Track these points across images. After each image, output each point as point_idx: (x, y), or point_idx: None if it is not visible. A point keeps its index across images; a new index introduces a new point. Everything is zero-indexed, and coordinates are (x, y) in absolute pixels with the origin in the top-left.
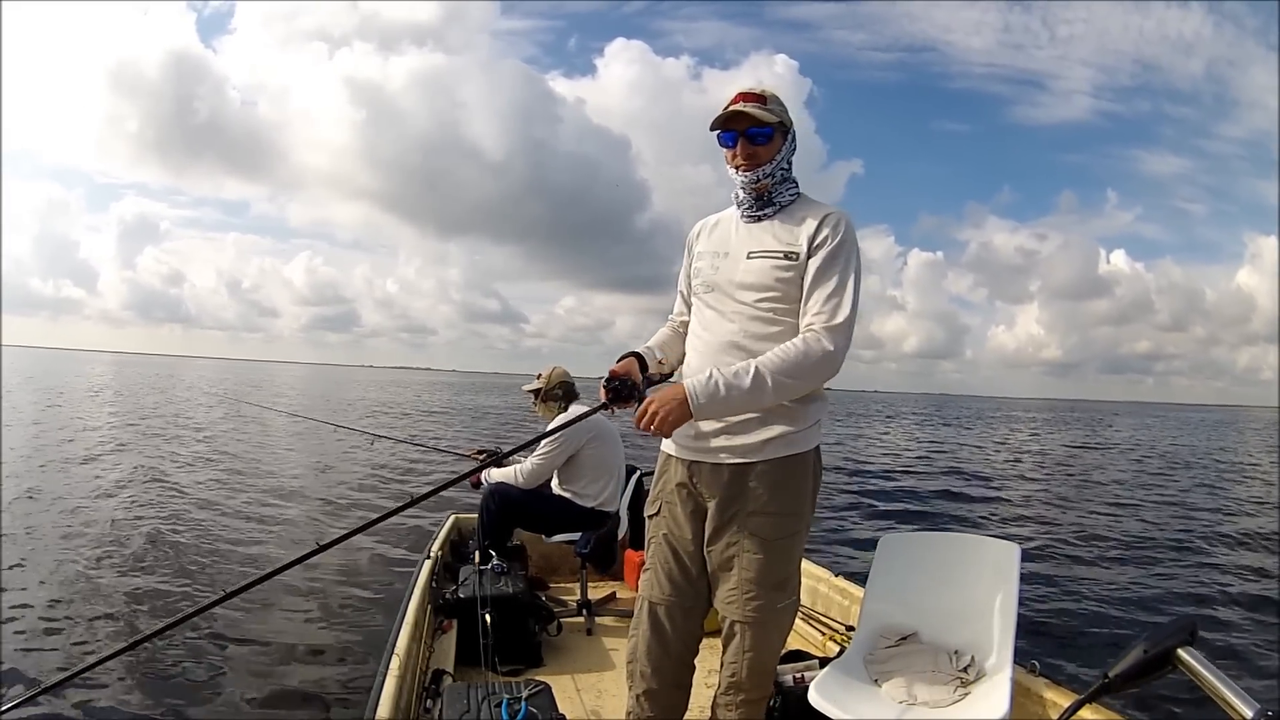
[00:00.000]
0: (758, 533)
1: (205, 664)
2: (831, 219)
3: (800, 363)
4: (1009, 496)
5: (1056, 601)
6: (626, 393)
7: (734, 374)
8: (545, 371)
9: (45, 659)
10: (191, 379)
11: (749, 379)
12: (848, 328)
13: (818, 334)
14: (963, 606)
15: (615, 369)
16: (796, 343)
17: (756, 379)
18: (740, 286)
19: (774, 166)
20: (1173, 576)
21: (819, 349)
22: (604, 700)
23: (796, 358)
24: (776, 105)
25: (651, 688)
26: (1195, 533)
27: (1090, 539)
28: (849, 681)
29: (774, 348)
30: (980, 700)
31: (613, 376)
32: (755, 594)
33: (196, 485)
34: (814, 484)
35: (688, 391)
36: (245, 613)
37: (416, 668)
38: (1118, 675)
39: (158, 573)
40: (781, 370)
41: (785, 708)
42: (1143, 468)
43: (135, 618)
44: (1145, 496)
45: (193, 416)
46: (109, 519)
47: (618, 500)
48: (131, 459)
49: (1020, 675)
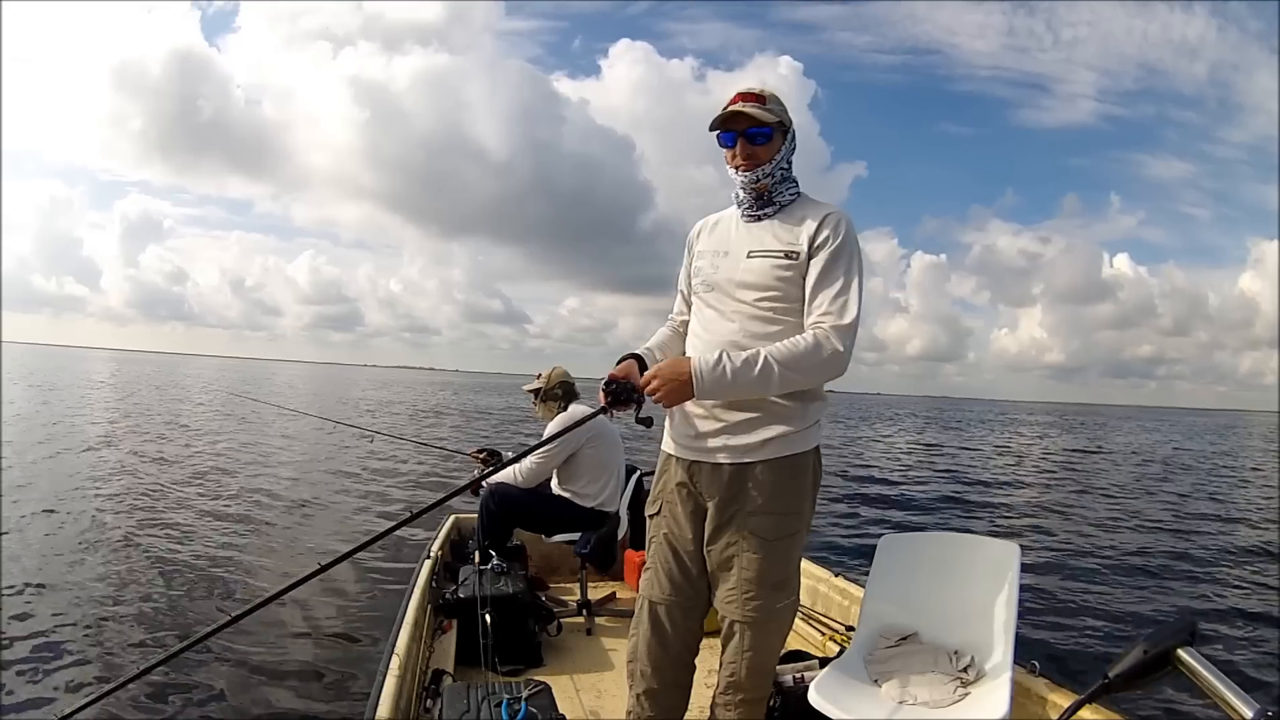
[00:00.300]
0: (757, 532)
1: (204, 664)
2: (832, 219)
3: (809, 358)
4: (1009, 498)
5: (1056, 601)
6: (625, 396)
7: (743, 360)
8: (545, 372)
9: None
10: (195, 377)
11: (757, 367)
12: (855, 328)
13: (828, 332)
14: (963, 606)
15: (614, 373)
16: (807, 337)
17: (765, 368)
18: (740, 286)
19: (774, 166)
20: (1173, 577)
21: (829, 347)
22: (604, 700)
23: (806, 352)
24: (776, 105)
25: (651, 687)
26: (1195, 534)
27: (1090, 539)
28: (849, 681)
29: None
30: (980, 700)
31: (611, 380)
32: (755, 594)
33: (188, 486)
34: (814, 484)
35: (693, 371)
36: (238, 611)
37: (416, 668)
38: (1118, 675)
39: (150, 585)
40: (790, 363)
41: (785, 708)
42: (1143, 471)
43: (138, 631)
44: (1146, 499)
45: (187, 412)
46: (96, 516)
47: (618, 500)
48: (119, 455)
49: (1020, 675)
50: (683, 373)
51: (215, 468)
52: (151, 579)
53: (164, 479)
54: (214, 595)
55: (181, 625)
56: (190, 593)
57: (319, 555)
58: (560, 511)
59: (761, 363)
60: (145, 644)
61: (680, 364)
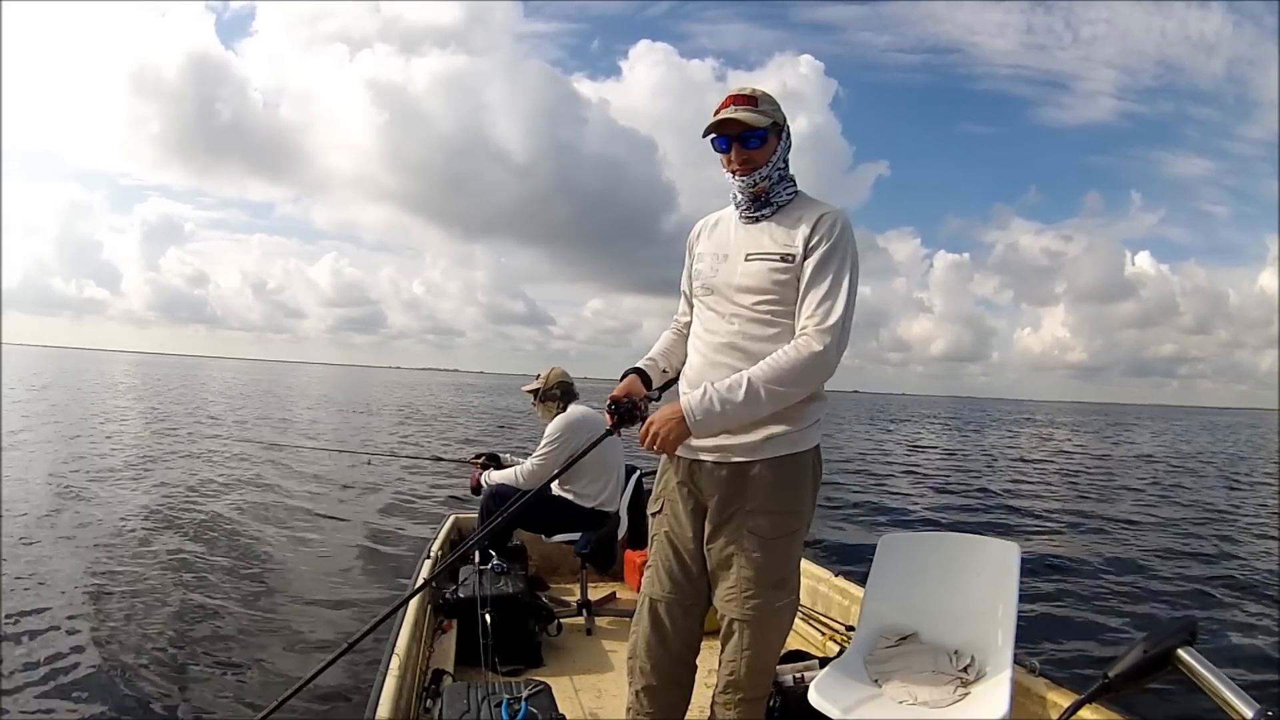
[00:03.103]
0: (756, 531)
1: (205, 664)
2: (827, 220)
3: (791, 370)
4: (1009, 498)
5: (1056, 601)
6: (629, 413)
7: (727, 388)
8: (544, 372)
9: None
10: (216, 379)
11: (742, 392)
12: (839, 329)
13: (808, 338)
14: (963, 606)
15: (615, 393)
16: (787, 350)
17: (750, 392)
18: (738, 289)
19: (770, 168)
20: (1173, 577)
21: (808, 353)
22: (604, 700)
23: (787, 365)
24: (768, 105)
25: (650, 684)
26: (1196, 534)
27: (1091, 539)
28: (849, 681)
29: (771, 351)
30: (980, 700)
31: (613, 401)
32: (754, 592)
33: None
34: (813, 483)
35: (684, 409)
36: (246, 613)
37: (416, 668)
38: (1118, 675)
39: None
40: (773, 380)
41: (785, 708)
42: (1150, 470)
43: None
44: (1148, 499)
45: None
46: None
47: (618, 500)
48: (137, 456)
49: (1020, 675)
50: (676, 413)
51: (223, 479)
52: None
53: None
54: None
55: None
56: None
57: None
58: (560, 512)
59: (745, 386)
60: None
61: (673, 407)
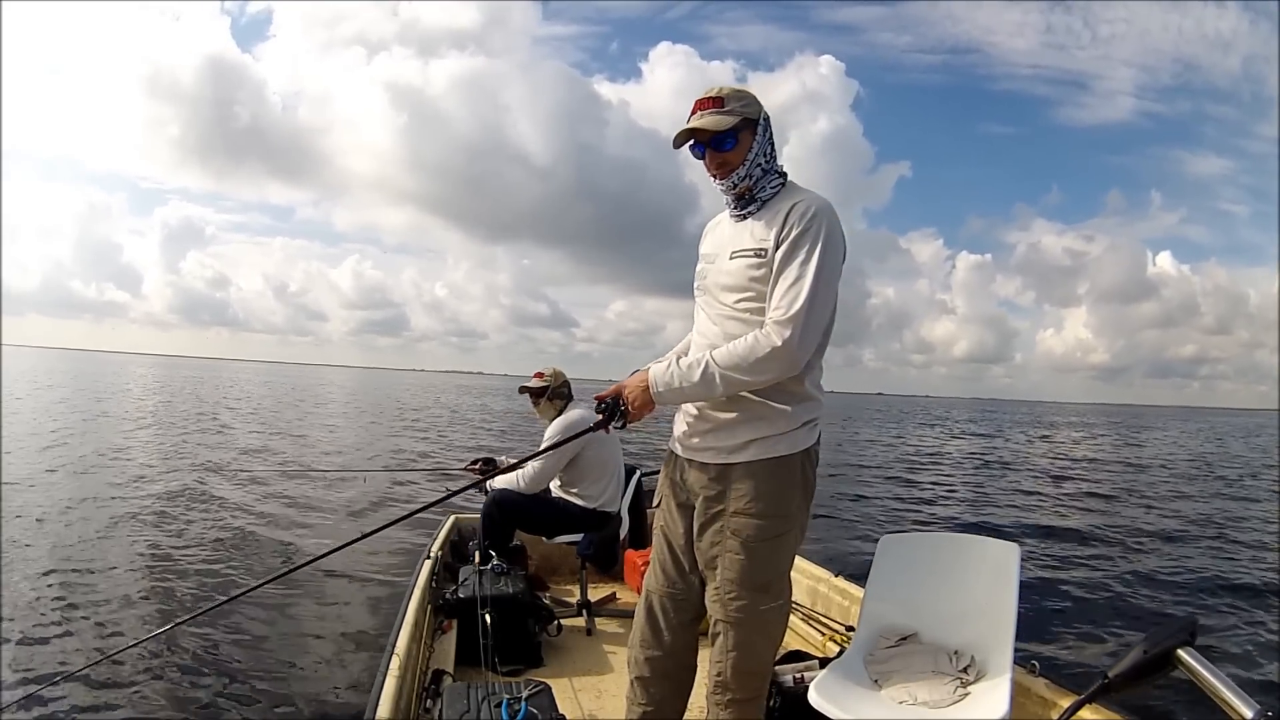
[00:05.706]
0: (739, 533)
1: (205, 664)
2: (799, 208)
3: (745, 357)
4: (1010, 498)
5: (1056, 601)
6: (611, 412)
7: (688, 366)
8: (548, 371)
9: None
10: (238, 385)
11: (699, 373)
12: (801, 320)
13: (769, 330)
14: (963, 606)
15: (600, 394)
16: (748, 338)
17: (705, 372)
18: (722, 289)
19: (749, 166)
20: (1174, 577)
21: (766, 344)
22: (604, 701)
23: (743, 352)
24: (736, 102)
25: (643, 674)
26: (1196, 534)
27: (1091, 539)
28: (849, 682)
29: None
30: (980, 700)
31: (600, 400)
32: (737, 594)
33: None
34: (802, 488)
35: (650, 378)
36: (246, 613)
37: (416, 668)
38: (1118, 675)
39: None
40: (728, 365)
41: (785, 708)
42: (1154, 472)
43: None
44: (1150, 499)
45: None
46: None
47: (618, 501)
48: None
49: (1020, 675)
50: (643, 382)
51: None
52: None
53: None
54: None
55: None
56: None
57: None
58: (561, 513)
59: (703, 366)
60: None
61: (641, 376)
